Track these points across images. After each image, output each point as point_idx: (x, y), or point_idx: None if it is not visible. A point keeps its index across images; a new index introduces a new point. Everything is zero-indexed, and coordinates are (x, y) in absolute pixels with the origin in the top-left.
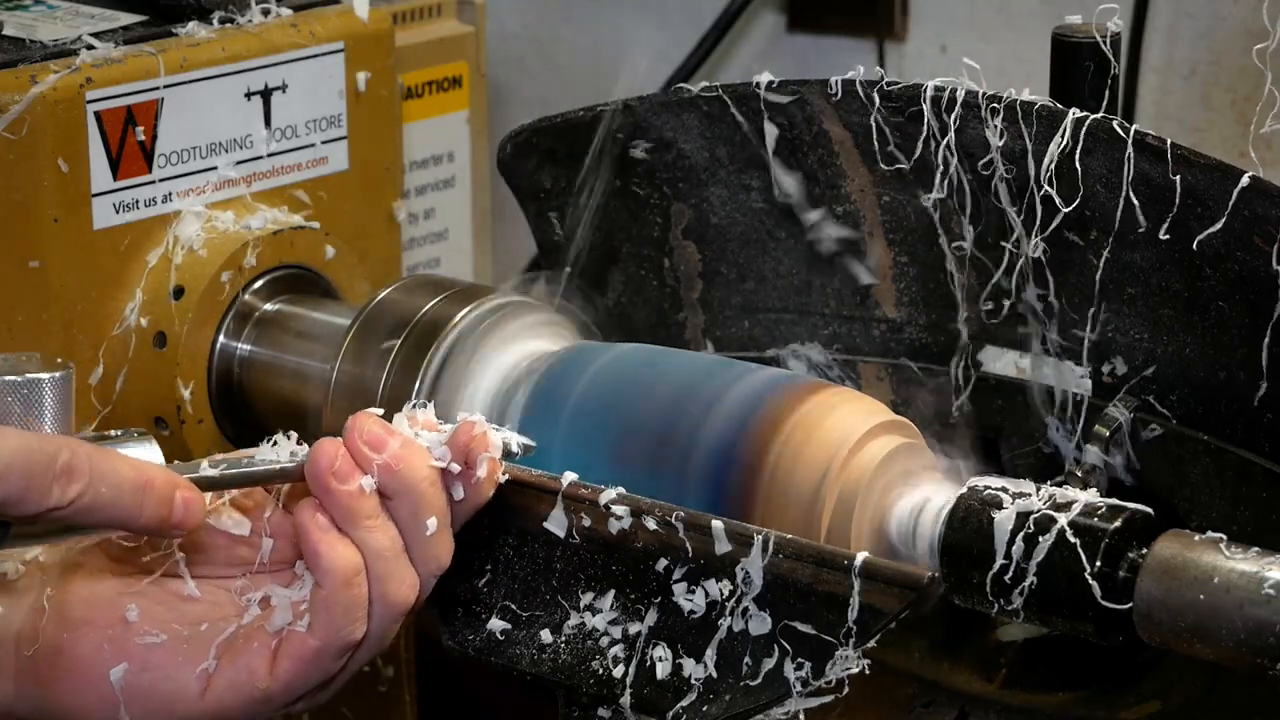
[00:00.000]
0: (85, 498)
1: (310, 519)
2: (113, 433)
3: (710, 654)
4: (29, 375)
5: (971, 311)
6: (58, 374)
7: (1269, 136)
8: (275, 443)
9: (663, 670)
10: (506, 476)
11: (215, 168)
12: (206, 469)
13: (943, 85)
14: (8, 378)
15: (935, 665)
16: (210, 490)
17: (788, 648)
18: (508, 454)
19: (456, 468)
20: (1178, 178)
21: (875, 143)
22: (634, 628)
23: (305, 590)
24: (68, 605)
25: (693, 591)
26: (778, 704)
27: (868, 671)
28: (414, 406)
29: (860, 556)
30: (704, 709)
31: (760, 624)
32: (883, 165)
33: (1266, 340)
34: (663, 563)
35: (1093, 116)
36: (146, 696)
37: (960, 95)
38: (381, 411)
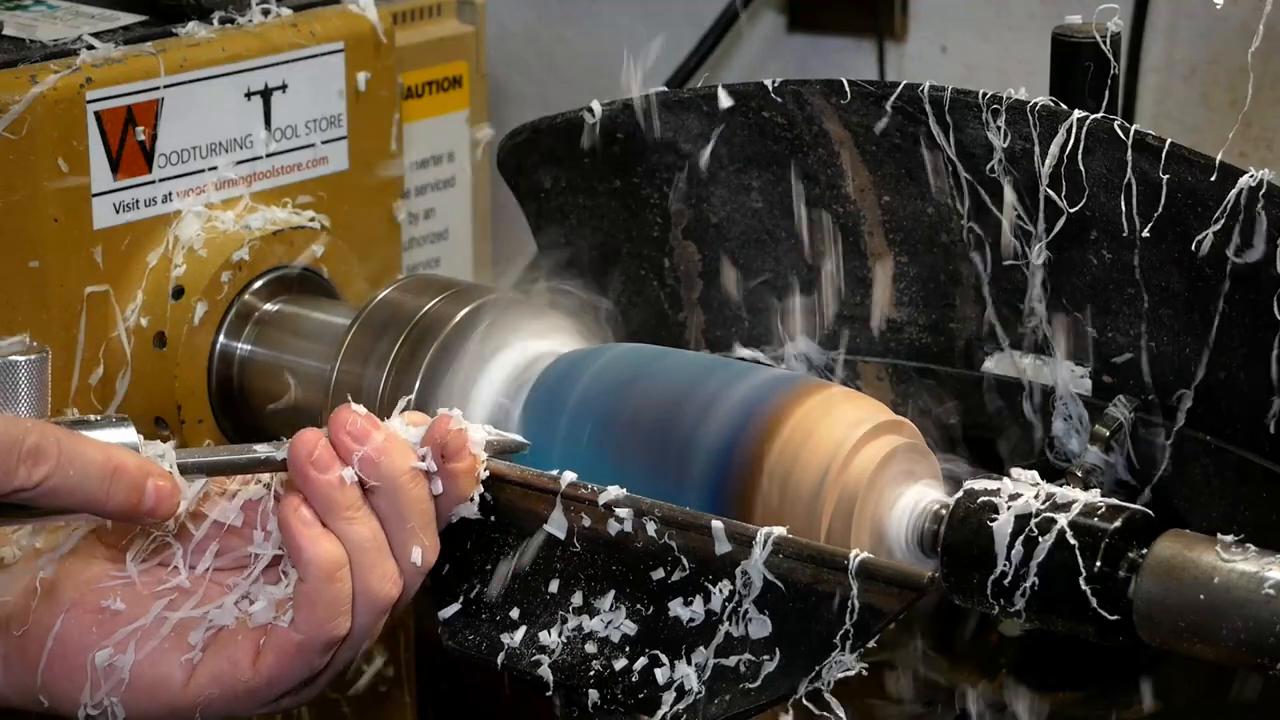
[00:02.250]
0: (52, 480)
1: (293, 513)
2: (91, 417)
3: (709, 655)
4: (4, 358)
5: (972, 312)
6: (33, 356)
7: (1269, 136)
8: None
9: (662, 671)
10: (488, 472)
11: (215, 168)
12: (182, 456)
13: (943, 85)
14: None
15: (935, 665)
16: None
17: (788, 649)
18: (502, 452)
19: (434, 465)
20: (1175, 177)
21: (875, 143)
22: (633, 628)
23: (290, 585)
24: (59, 588)
25: (692, 592)
26: (777, 704)
27: (865, 673)
28: (406, 405)
29: (859, 556)
30: (704, 709)
31: (760, 625)
32: (882, 165)
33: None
34: (662, 563)
35: (1093, 116)
36: (131, 681)
37: (961, 95)
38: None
